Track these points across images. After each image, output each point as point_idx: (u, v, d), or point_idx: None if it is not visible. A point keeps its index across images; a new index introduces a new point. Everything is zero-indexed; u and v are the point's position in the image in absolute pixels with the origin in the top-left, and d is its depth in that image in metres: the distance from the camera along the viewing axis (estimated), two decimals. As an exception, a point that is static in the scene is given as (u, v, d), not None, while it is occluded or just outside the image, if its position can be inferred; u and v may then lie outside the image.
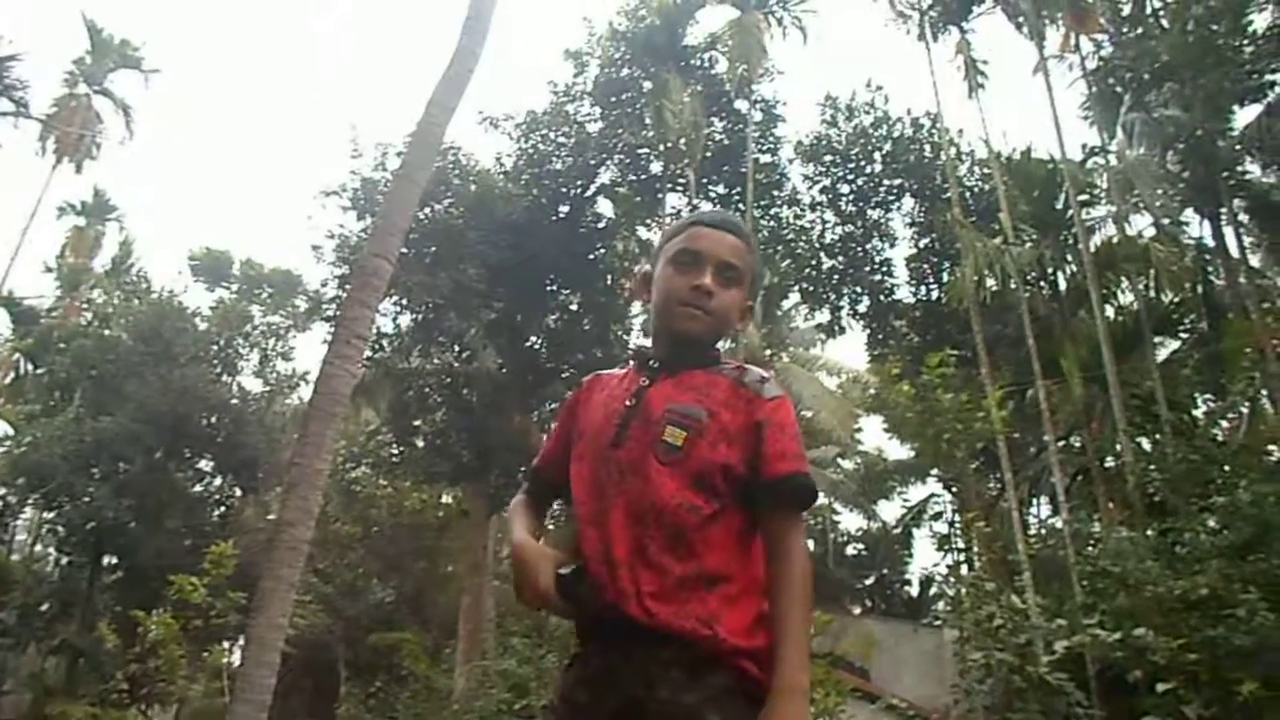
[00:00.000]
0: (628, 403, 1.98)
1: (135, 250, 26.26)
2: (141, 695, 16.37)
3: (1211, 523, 10.42)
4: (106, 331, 22.67)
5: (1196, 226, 17.38)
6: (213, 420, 21.73)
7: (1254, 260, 21.14)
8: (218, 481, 23.01)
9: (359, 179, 19.12)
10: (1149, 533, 11.63)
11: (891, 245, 21.77)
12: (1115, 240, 15.56)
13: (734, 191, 20.99)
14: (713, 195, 21.45)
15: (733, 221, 2.13)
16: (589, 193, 21.03)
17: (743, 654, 1.79)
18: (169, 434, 20.83)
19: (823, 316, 23.41)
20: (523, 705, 11.00)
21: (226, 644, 19.99)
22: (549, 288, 20.75)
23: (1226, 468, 12.49)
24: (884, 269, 21.75)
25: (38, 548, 24.56)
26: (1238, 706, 6.48)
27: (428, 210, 18.32)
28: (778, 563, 1.86)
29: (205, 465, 22.82)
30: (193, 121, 62.82)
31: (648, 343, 2.12)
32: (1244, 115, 16.19)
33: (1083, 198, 15.61)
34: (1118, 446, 13.11)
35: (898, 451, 27.32)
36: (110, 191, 26.38)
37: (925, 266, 21.01)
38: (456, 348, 20.06)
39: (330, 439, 8.49)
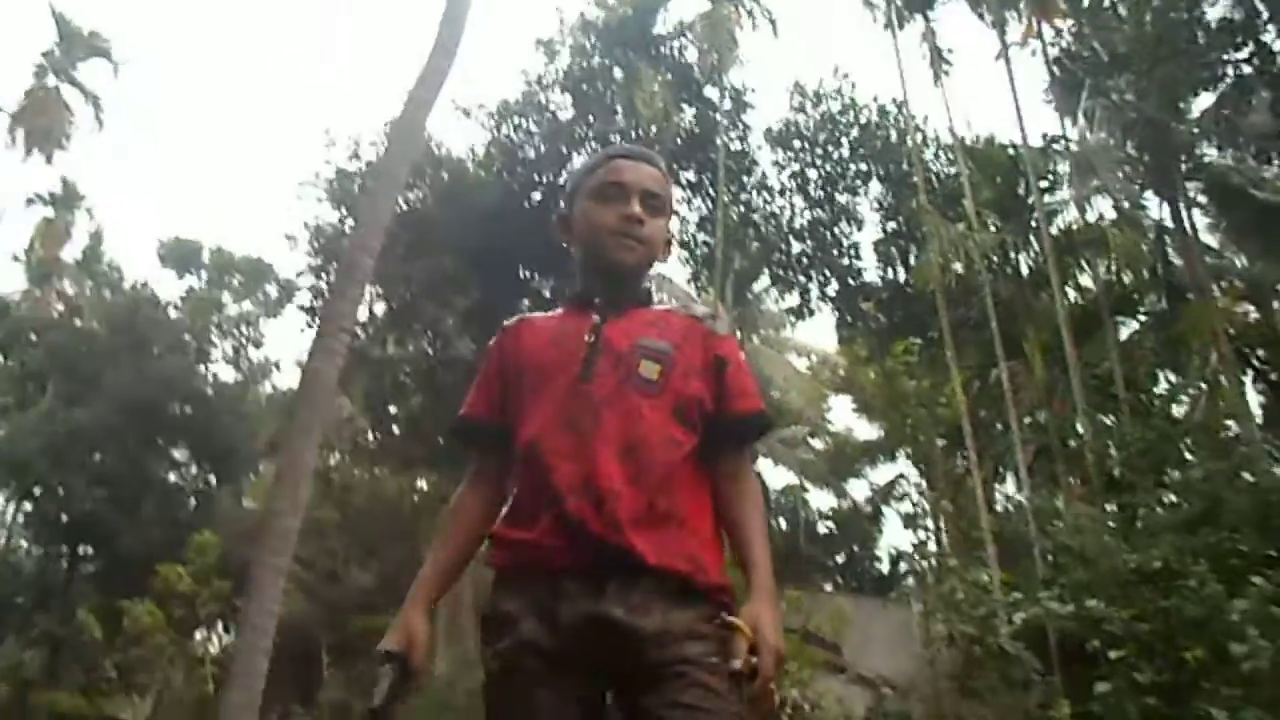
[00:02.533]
0: (587, 339, 1.96)
1: (105, 241, 26.19)
2: (125, 684, 16.53)
3: (1167, 498, 10.90)
4: (78, 323, 22.64)
5: (1156, 209, 17.87)
6: (187, 410, 21.81)
7: (1212, 241, 21.78)
8: (193, 470, 23.06)
9: (333, 169, 19.21)
10: (1108, 508, 12.10)
11: (859, 229, 22.08)
12: (1075, 226, 15.98)
13: (704, 177, 21.22)
14: (683, 181, 21.68)
15: (648, 153, 2.15)
16: (561, 180, 21.22)
17: (725, 590, 1.84)
18: (144, 424, 20.90)
19: (792, 299, 23.69)
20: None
21: (205, 631, 20.16)
22: (522, 275, 20.94)
23: (1182, 445, 13.01)
24: (852, 252, 22.04)
25: (12, 540, 24.51)
26: (1187, 672, 6.87)
27: (402, 200, 18.46)
28: (739, 482, 1.96)
29: (180, 455, 22.88)
30: (159, 112, 62.11)
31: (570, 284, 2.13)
32: (1201, 101, 16.67)
33: (1043, 184, 16.02)
34: (1078, 426, 13.57)
35: (867, 431, 27.78)
36: (80, 183, 26.22)
37: (892, 250, 21.35)
38: (431, 334, 20.22)
39: (317, 430, 8.74)
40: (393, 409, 20.76)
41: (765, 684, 1.76)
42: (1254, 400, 17.85)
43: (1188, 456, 12.41)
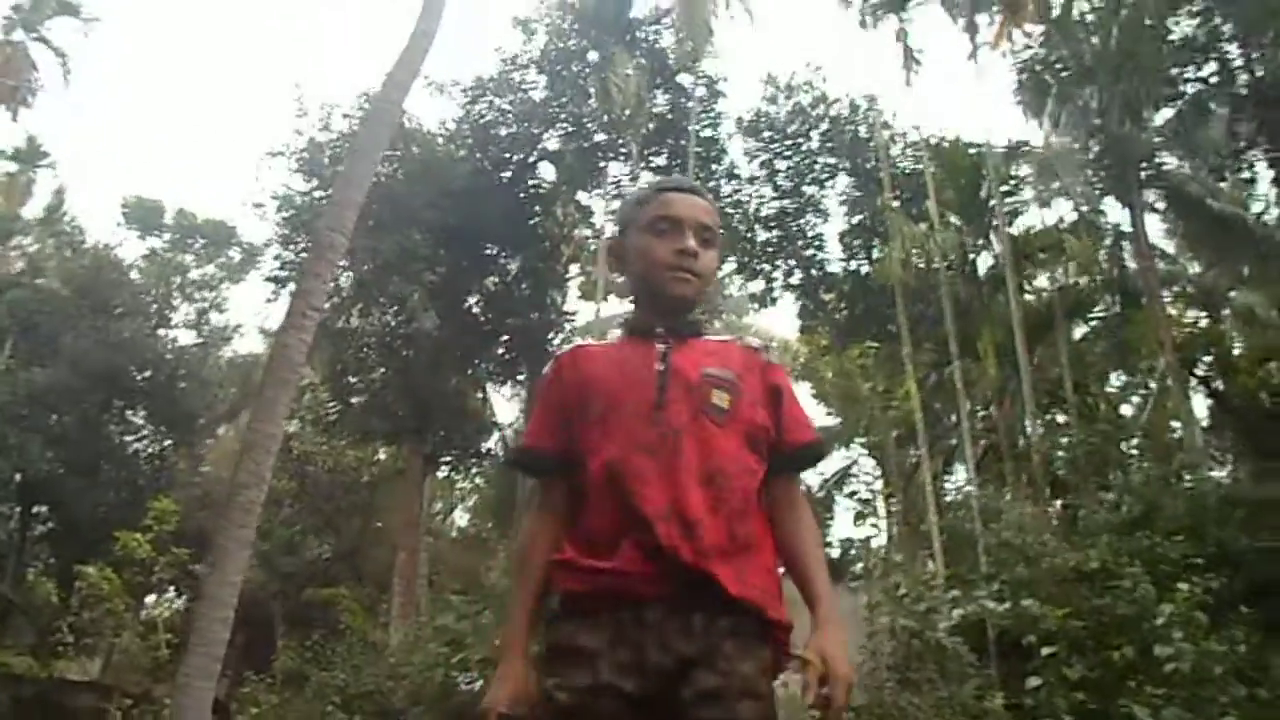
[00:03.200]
0: (658, 367, 1.97)
1: (68, 200, 25.87)
2: (78, 646, 16.53)
3: (1108, 500, 11.30)
4: (40, 282, 22.39)
5: (1115, 213, 18.30)
6: (147, 374, 21.66)
7: (1169, 246, 22.33)
8: (151, 434, 22.94)
9: (305, 140, 19.15)
10: (1052, 507, 12.53)
11: (825, 220, 22.39)
12: (1032, 231, 16.36)
13: (675, 163, 21.36)
14: (654, 166, 21.81)
15: (696, 186, 2.18)
16: (531, 159, 21.28)
17: (788, 630, 1.89)
18: (103, 387, 20.75)
19: (756, 286, 23.94)
20: (460, 658, 11.38)
21: (155, 596, 20.13)
22: (489, 251, 21.01)
23: (1125, 448, 13.46)
24: (817, 243, 22.33)
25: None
26: (1114, 670, 7.22)
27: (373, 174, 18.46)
28: (798, 511, 2.01)
29: (139, 418, 22.74)
30: (125, 70, 60.97)
31: (606, 311, 2.35)
32: (1163, 113, 17.06)
33: (1004, 188, 16.37)
34: (1026, 426, 13.97)
35: (824, 418, 28.16)
36: (45, 140, 25.85)
37: (856, 242, 21.67)
38: (396, 308, 20.25)
39: (283, 406, 8.85)
40: (354, 380, 20.76)
41: (838, 715, 1.80)
42: (1201, 405, 18.44)
43: (1130, 459, 12.87)
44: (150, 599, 19.44)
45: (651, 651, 1.79)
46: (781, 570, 1.97)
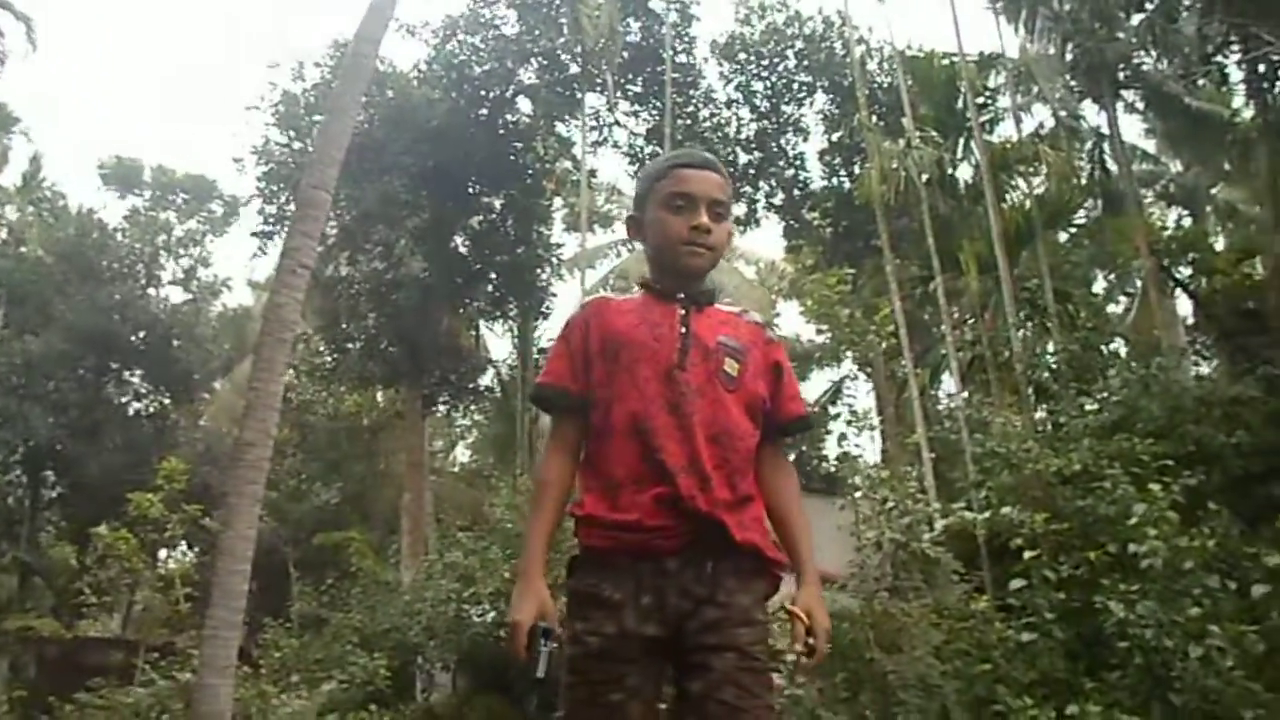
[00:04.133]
0: (680, 329, 2.16)
1: (45, 167, 25.66)
2: (97, 605, 17.01)
3: (1088, 406, 11.60)
4: (24, 250, 22.38)
5: (1094, 117, 18.31)
6: (142, 335, 21.81)
7: (1150, 147, 22.36)
8: (150, 395, 23.17)
9: (279, 91, 19.07)
10: (1036, 415, 12.84)
11: (805, 139, 22.34)
12: (1008, 143, 16.40)
13: (651, 91, 21.28)
14: (630, 94, 21.74)
15: (712, 160, 2.31)
16: (508, 94, 21.16)
17: (782, 566, 2.14)
18: (99, 351, 20.94)
19: (739, 209, 24.04)
20: (470, 593, 11.78)
21: (169, 551, 20.58)
22: (471, 191, 21.03)
23: (1106, 351, 13.74)
24: (797, 163, 22.33)
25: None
26: (1092, 569, 7.57)
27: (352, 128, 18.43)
28: (785, 477, 2.25)
29: (136, 379, 22.95)
30: (94, 32, 59.72)
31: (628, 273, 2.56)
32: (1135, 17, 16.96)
33: (980, 100, 16.37)
34: (1008, 337, 14.23)
35: (815, 335, 28.40)
36: (15, 107, 25.47)
37: (837, 159, 21.66)
38: (383, 254, 20.33)
39: (282, 364, 9.06)
40: (348, 328, 20.93)
41: (820, 660, 2.11)
42: (1186, 305, 18.69)
43: (1112, 363, 13.16)
44: (162, 554, 19.90)
45: (671, 597, 2.00)
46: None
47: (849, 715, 6.46)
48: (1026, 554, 7.66)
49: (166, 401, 23.42)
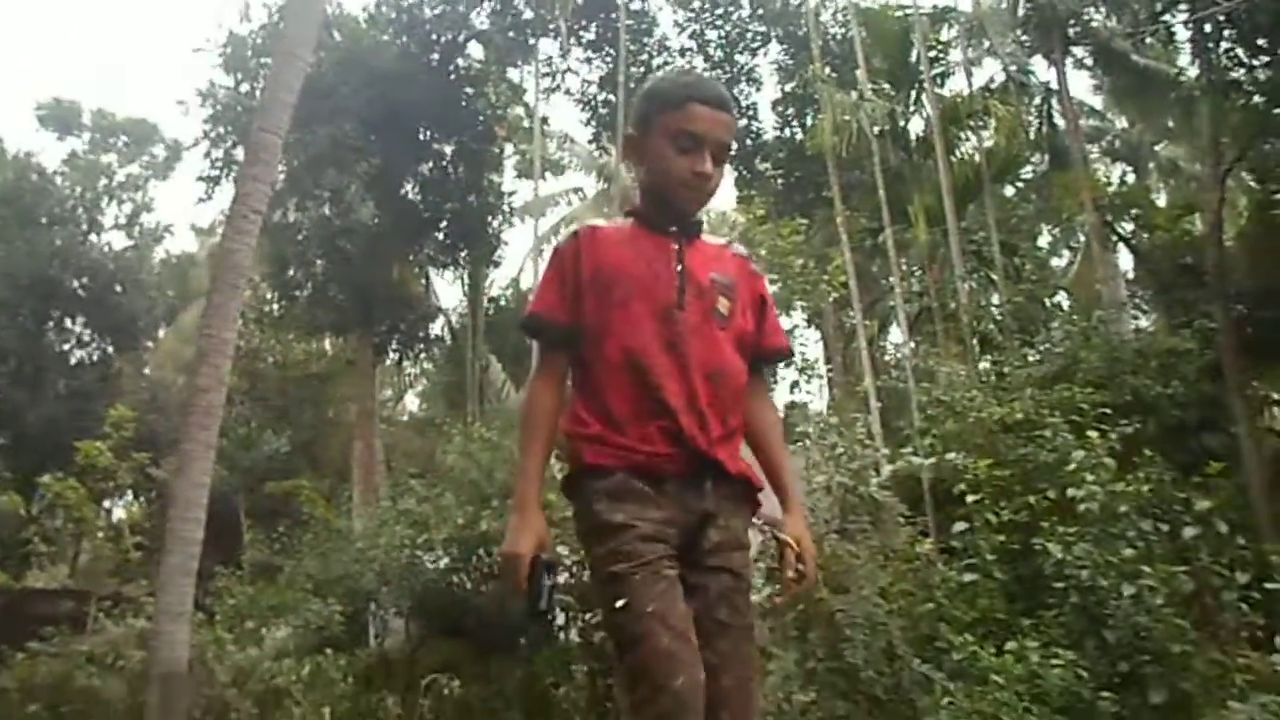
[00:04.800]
0: (676, 268, 2.16)
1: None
2: (46, 554, 16.88)
3: (1031, 356, 11.92)
4: (-40, 196, 21.74)
5: (1044, 73, 18.52)
6: (83, 281, 21.37)
7: (1096, 102, 22.69)
8: (93, 343, 22.76)
9: (225, 33, 18.63)
10: (981, 365, 13.14)
11: (758, 90, 22.36)
12: (959, 97, 16.56)
13: (605, 38, 21.10)
14: (584, 40, 21.53)
15: (726, 98, 2.24)
16: (460, 38, 20.86)
17: (761, 490, 2.23)
18: (39, 298, 20.53)
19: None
20: (424, 539, 11.84)
21: (111, 500, 20.34)
22: (422, 137, 20.77)
23: (1050, 304, 14.07)
24: (750, 113, 22.34)
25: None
26: (1034, 512, 7.86)
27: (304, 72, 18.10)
28: (768, 408, 2.38)
29: (79, 328, 22.52)
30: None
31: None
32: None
33: (932, 54, 16.49)
34: (954, 289, 14.50)
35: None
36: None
37: (790, 110, 21.72)
38: (332, 200, 20.06)
39: (235, 310, 9.00)
40: (295, 274, 20.68)
41: (810, 584, 2.24)
42: (1127, 259, 19.09)
43: (1055, 315, 13.50)
44: (106, 504, 19.68)
45: (677, 513, 2.06)
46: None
47: (799, 652, 6.69)
48: (969, 499, 7.92)
49: (110, 349, 22.99)
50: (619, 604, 1.97)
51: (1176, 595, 6.53)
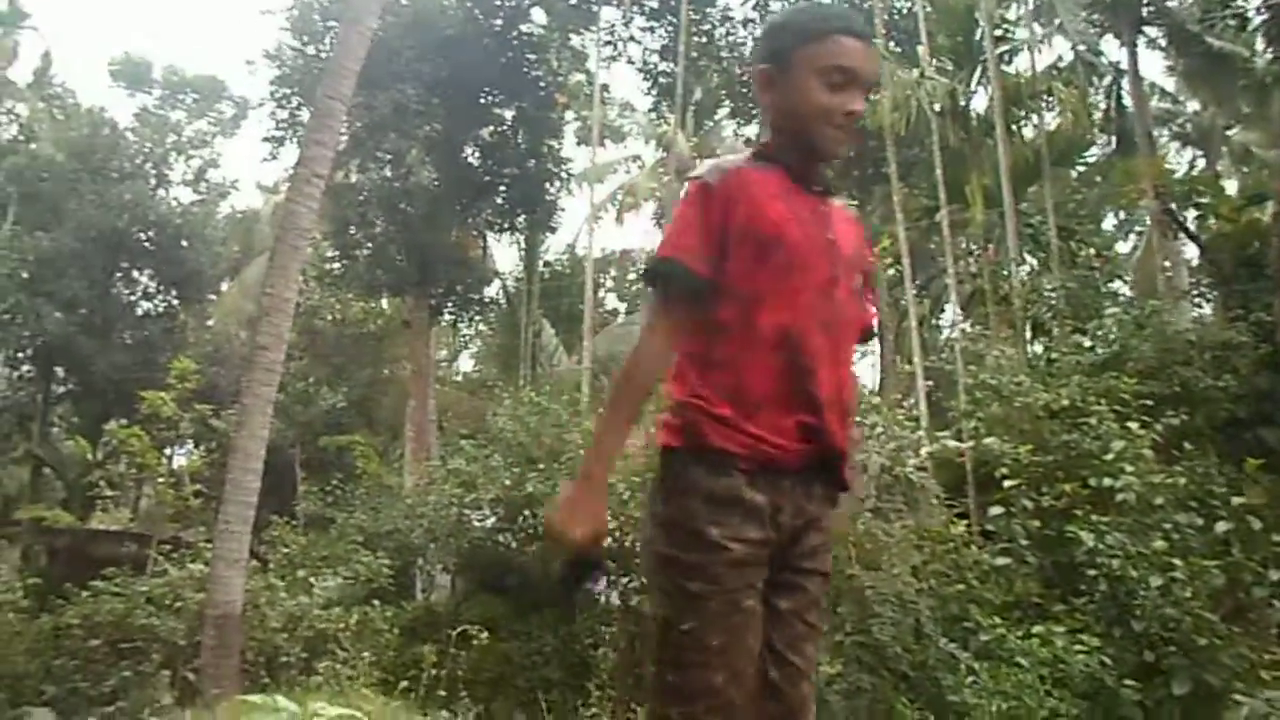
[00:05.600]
0: (829, 235, 1.96)
1: (55, 64, 25.45)
2: (108, 498, 17.55)
3: (1085, 343, 11.82)
4: (34, 147, 22.39)
5: (1114, 51, 18.14)
6: (151, 235, 21.96)
7: (1169, 85, 22.15)
8: (159, 295, 23.41)
9: (294, -2, 18.98)
10: (1031, 350, 13.07)
11: (820, 62, 22.13)
12: (1023, 77, 16.31)
13: (667, 6, 21.04)
14: (646, 9, 21.51)
15: (867, 30, 2.05)
16: (523, 3, 20.94)
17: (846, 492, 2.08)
18: (110, 251, 21.14)
19: (750, 130, 23.91)
20: (472, 498, 12.14)
21: (172, 449, 21.00)
22: (483, 102, 20.94)
23: (1108, 289, 13.89)
24: (811, 85, 22.13)
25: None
26: (1068, 500, 7.89)
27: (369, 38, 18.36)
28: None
29: (146, 280, 23.17)
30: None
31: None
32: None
33: (998, 32, 16.24)
34: (1008, 271, 14.39)
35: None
36: (23, 2, 25.14)
37: (852, 85, 21.50)
38: (393, 163, 20.33)
39: (296, 270, 9.28)
40: (356, 234, 21.04)
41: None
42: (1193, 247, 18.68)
43: (1110, 302, 13.33)
44: (167, 451, 20.34)
45: (788, 513, 1.90)
46: None
47: (827, 624, 6.83)
48: (1007, 483, 7.97)
49: (175, 301, 23.64)
50: (684, 626, 1.84)
51: (1206, 588, 6.55)
